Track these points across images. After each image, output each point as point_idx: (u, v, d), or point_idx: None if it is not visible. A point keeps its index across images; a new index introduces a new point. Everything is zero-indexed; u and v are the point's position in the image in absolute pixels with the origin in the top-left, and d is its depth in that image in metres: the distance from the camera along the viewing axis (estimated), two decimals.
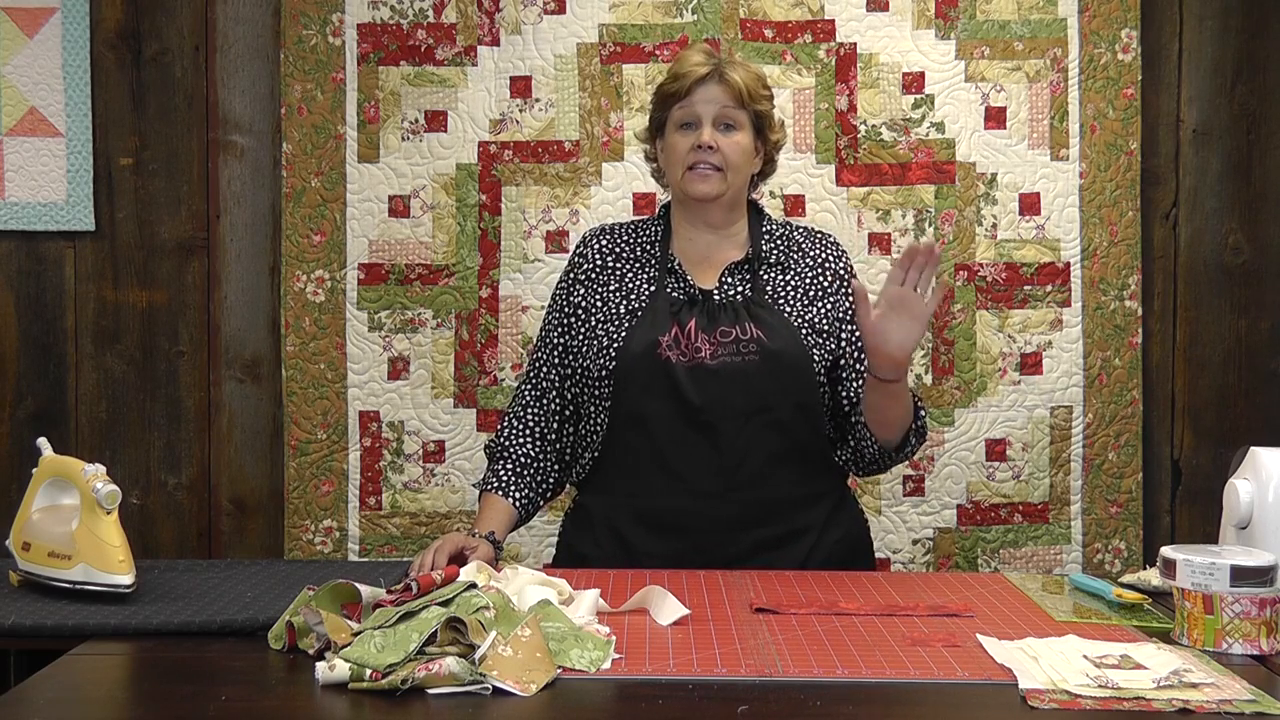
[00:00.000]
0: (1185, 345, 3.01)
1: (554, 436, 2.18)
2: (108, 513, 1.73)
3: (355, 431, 2.95)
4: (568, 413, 2.19)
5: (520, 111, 2.95)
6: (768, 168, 2.23)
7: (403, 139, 2.95)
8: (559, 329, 2.19)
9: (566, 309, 2.18)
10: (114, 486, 1.74)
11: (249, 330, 3.02)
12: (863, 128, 2.94)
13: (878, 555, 2.94)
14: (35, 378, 3.01)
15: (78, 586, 1.73)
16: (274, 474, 3.00)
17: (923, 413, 2.13)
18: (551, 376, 2.18)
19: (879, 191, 2.95)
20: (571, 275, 2.21)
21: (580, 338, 2.15)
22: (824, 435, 2.13)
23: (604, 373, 2.08)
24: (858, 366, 2.15)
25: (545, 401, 2.18)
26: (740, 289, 2.12)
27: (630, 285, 2.14)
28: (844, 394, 2.16)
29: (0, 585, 1.83)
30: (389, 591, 1.58)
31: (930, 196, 2.95)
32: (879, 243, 2.95)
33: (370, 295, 2.96)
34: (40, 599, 1.73)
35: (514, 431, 2.18)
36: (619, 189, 2.94)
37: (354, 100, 2.95)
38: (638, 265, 2.17)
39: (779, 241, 2.19)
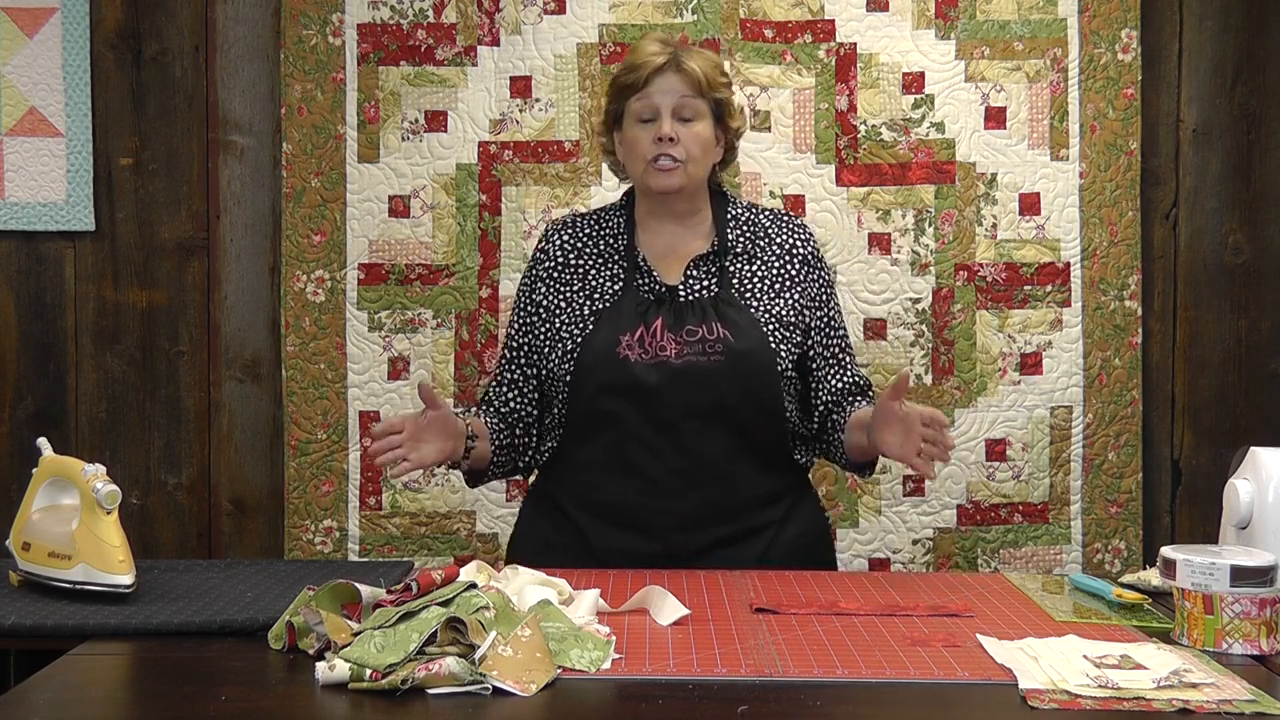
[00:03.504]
0: (1185, 345, 3.01)
1: (520, 430, 2.18)
2: (108, 513, 1.73)
3: (355, 431, 2.95)
4: (534, 413, 2.19)
5: (520, 111, 2.95)
6: (729, 155, 2.20)
7: (403, 139, 2.95)
8: (523, 331, 2.18)
9: (529, 308, 2.18)
10: (114, 486, 1.74)
11: (249, 330, 3.02)
12: (863, 128, 2.94)
13: (878, 555, 2.95)
14: (35, 378, 3.01)
15: (78, 586, 1.73)
16: (274, 474, 2.99)
17: None
18: (516, 377, 2.18)
19: (879, 191, 2.95)
20: (534, 272, 2.20)
21: (543, 338, 2.14)
22: (785, 433, 2.12)
23: (566, 374, 2.08)
24: (826, 355, 2.15)
25: (511, 402, 2.18)
26: (707, 284, 2.11)
27: (595, 283, 2.13)
28: (815, 386, 2.16)
29: (0, 585, 1.83)
30: (389, 591, 1.58)
31: (930, 196, 2.95)
32: (879, 243, 2.95)
33: (370, 295, 2.96)
34: (40, 599, 1.73)
35: (486, 419, 2.18)
36: (619, 189, 2.93)
37: (354, 100, 2.95)
38: (602, 261, 2.15)
39: (745, 228, 2.17)
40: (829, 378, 2.16)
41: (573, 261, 2.16)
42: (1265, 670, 1.50)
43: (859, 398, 2.16)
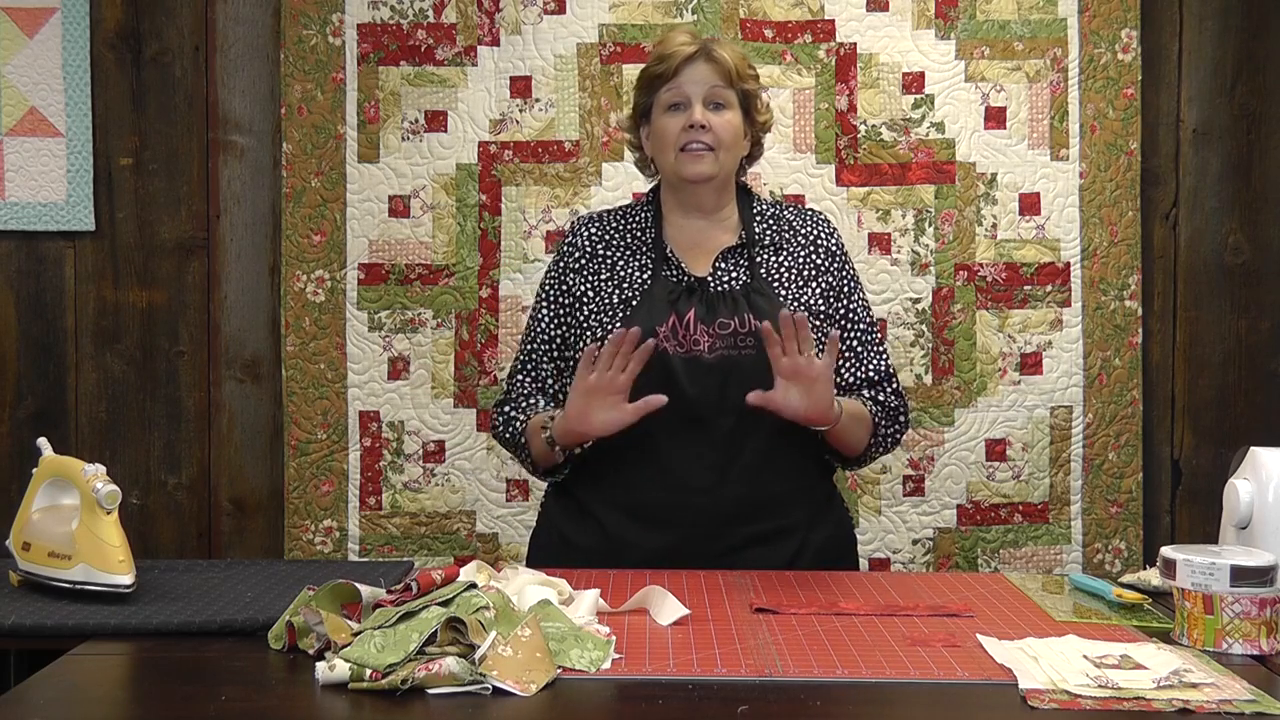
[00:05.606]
0: (1185, 345, 3.01)
1: None
2: (108, 513, 1.73)
3: (355, 431, 2.95)
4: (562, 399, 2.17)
5: (520, 111, 2.95)
6: (755, 150, 2.20)
7: (403, 139, 2.95)
8: (554, 321, 2.16)
9: (559, 298, 2.16)
10: (114, 486, 1.73)
11: (249, 330, 3.02)
12: (863, 128, 2.94)
13: (878, 555, 2.95)
14: (35, 378, 3.01)
15: (78, 586, 1.72)
16: (274, 474, 3.00)
17: (884, 421, 2.13)
18: (548, 368, 2.16)
19: (879, 191, 2.95)
20: (562, 264, 2.18)
21: (573, 327, 2.13)
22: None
23: None
24: (843, 349, 2.14)
25: (545, 392, 2.16)
26: (736, 274, 2.10)
27: (623, 274, 2.12)
28: (842, 368, 2.15)
29: (0, 585, 1.83)
30: (389, 591, 1.58)
31: (930, 196, 2.95)
32: (879, 243, 2.95)
33: (370, 295, 2.96)
34: (40, 599, 1.73)
35: (522, 412, 2.16)
36: (619, 189, 2.94)
37: (354, 100, 2.95)
38: (629, 253, 2.15)
39: (770, 222, 2.17)
40: (843, 370, 2.15)
41: (600, 252, 2.15)
42: (1265, 670, 1.50)
43: (863, 390, 2.15)
